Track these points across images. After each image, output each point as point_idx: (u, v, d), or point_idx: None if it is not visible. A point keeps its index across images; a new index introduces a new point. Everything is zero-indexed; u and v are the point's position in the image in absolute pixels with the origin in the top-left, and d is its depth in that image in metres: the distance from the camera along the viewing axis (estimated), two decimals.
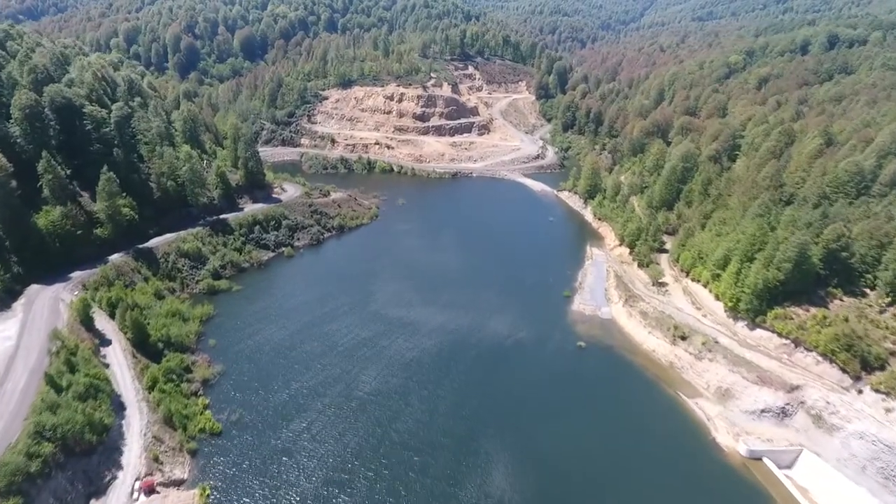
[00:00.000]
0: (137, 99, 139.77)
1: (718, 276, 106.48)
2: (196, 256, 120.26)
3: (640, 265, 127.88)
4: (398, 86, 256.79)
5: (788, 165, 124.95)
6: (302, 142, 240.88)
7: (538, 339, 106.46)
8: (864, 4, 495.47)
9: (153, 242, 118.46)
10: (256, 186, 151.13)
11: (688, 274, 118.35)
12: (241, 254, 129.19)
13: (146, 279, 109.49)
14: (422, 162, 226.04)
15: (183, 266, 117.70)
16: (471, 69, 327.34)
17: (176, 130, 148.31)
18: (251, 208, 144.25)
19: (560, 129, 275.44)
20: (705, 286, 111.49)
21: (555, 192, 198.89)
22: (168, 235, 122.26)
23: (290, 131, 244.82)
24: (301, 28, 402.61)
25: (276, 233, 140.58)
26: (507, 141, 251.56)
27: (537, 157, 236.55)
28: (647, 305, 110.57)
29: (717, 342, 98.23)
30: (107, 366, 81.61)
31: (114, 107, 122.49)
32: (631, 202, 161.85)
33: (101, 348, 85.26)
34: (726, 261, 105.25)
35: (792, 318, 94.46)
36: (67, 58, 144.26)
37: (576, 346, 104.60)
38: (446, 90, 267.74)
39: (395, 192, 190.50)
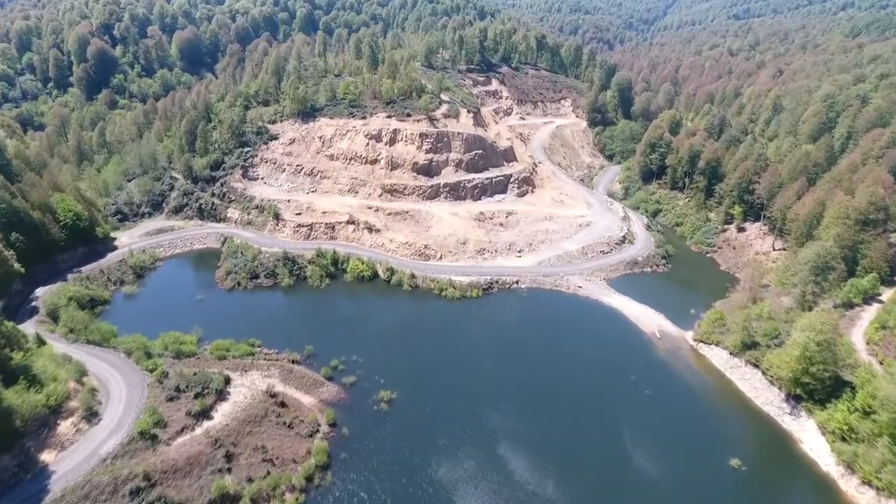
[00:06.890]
0: None
1: None
2: None
3: None
4: (390, 117, 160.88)
5: None
6: (229, 214, 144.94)
7: None
8: None
9: None
10: None
11: None
12: None
13: None
14: (428, 257, 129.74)
15: None
16: (495, 84, 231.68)
17: None
18: None
19: (638, 178, 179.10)
20: None
21: (686, 337, 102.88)
22: None
23: (214, 194, 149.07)
24: (268, 28, 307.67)
25: None
26: (567, 206, 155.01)
27: (623, 240, 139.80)
28: None
29: None
30: None
31: None
32: None
33: None
34: None
35: None
36: None
37: None
38: (466, 122, 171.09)
39: (377, 347, 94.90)
